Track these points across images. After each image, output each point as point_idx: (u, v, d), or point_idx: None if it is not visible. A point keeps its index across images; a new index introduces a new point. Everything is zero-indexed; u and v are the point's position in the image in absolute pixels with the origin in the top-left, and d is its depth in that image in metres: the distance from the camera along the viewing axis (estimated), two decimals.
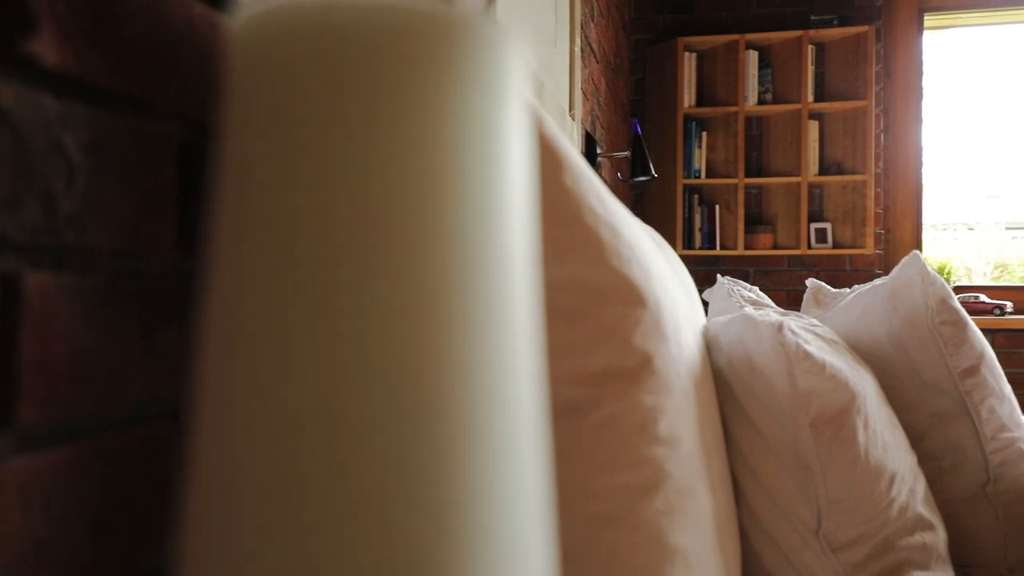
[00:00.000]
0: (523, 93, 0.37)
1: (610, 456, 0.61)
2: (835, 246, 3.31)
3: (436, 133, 0.32)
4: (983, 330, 3.26)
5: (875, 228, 3.29)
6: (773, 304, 1.46)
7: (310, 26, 0.31)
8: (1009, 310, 3.31)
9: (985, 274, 7.05)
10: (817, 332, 0.97)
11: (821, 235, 3.31)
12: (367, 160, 0.31)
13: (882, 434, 0.90)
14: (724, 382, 0.90)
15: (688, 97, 3.31)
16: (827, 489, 0.84)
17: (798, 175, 3.24)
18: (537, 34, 1.41)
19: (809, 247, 3.29)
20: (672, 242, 3.29)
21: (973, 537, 1.10)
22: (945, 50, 4.51)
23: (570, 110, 1.74)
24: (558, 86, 1.61)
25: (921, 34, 3.52)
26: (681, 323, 0.73)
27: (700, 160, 3.33)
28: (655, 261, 0.74)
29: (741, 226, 3.26)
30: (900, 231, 3.53)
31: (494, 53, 0.34)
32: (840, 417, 0.85)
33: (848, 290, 1.45)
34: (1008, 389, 1.16)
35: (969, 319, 1.14)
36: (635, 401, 0.63)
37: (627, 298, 0.64)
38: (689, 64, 3.31)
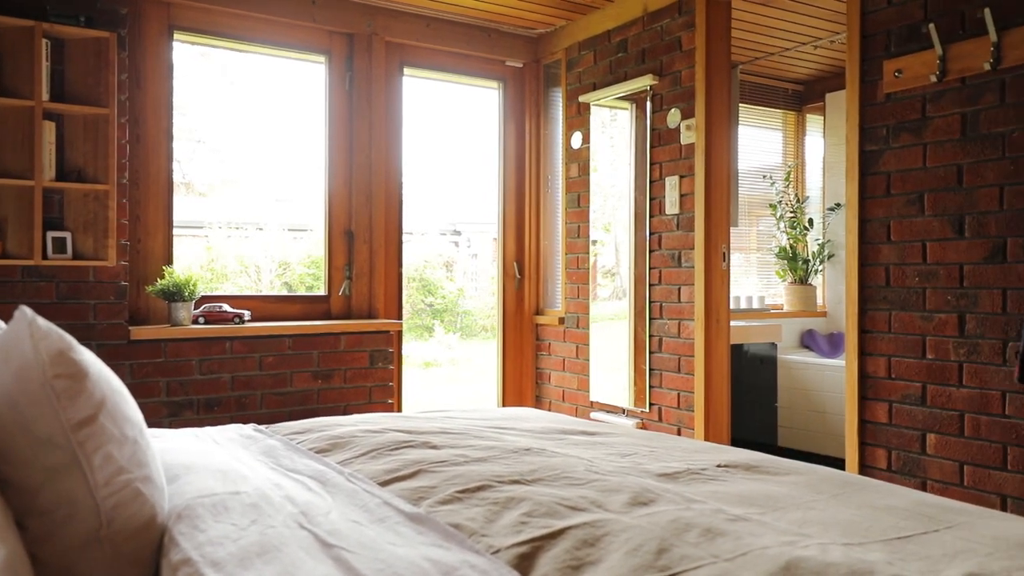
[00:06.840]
0: None
1: None
2: (76, 257, 3.15)
3: None
4: (225, 338, 3.54)
5: (120, 239, 3.25)
6: None
7: None
8: (248, 318, 3.67)
9: (271, 270, 7.83)
10: None
11: (60, 245, 3.11)
12: None
13: None
14: None
15: None
16: None
17: (32, 178, 2.98)
18: None
19: (46, 257, 3.06)
20: None
21: None
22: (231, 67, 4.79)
23: None
24: None
25: (171, 49, 3.62)
26: None
27: None
28: None
29: None
30: (151, 241, 3.57)
31: None
32: None
33: None
34: (133, 432, 1.22)
35: (91, 369, 1.16)
36: None
37: None
38: None
